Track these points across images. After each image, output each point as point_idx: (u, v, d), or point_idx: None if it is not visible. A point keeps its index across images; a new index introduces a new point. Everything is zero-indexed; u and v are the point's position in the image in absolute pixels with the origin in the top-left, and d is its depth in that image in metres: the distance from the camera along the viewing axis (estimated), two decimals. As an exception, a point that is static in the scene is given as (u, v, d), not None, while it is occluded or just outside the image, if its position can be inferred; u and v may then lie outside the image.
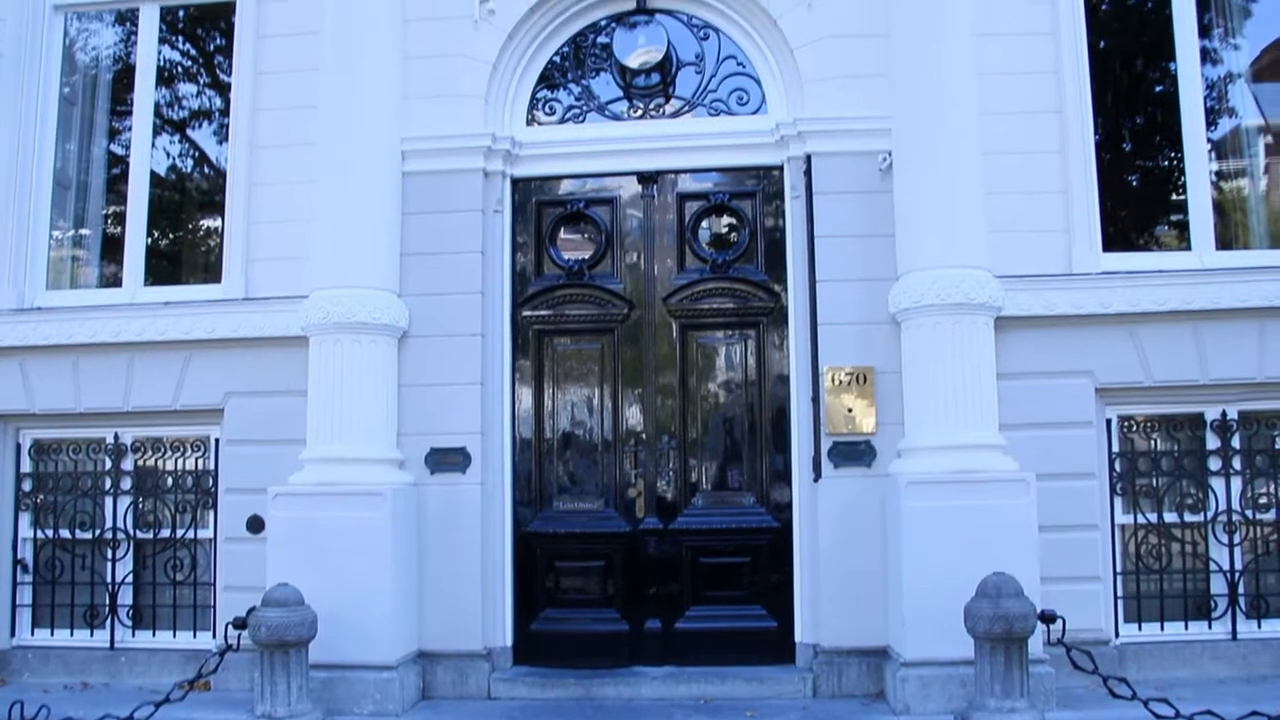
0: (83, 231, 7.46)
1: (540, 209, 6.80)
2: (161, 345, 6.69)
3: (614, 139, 6.73)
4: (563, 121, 6.89)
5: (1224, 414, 6.28)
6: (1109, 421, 6.31)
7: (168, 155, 7.57)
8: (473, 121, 6.56)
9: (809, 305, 6.28)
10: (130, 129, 7.29)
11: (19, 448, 7.01)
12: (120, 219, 7.24)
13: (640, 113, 6.86)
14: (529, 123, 6.88)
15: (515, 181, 6.76)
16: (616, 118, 6.87)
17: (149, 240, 7.19)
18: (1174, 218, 6.80)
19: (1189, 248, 6.49)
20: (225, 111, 7.20)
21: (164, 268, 7.34)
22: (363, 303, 6.16)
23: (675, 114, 6.84)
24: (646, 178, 6.74)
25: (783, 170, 6.57)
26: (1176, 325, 6.18)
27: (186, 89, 7.73)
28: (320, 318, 6.16)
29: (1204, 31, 6.79)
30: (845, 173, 6.29)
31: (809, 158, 6.32)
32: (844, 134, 6.31)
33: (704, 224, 6.76)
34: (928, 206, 5.97)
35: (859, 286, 6.20)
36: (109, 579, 6.83)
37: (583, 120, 6.87)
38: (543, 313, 6.70)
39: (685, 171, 6.75)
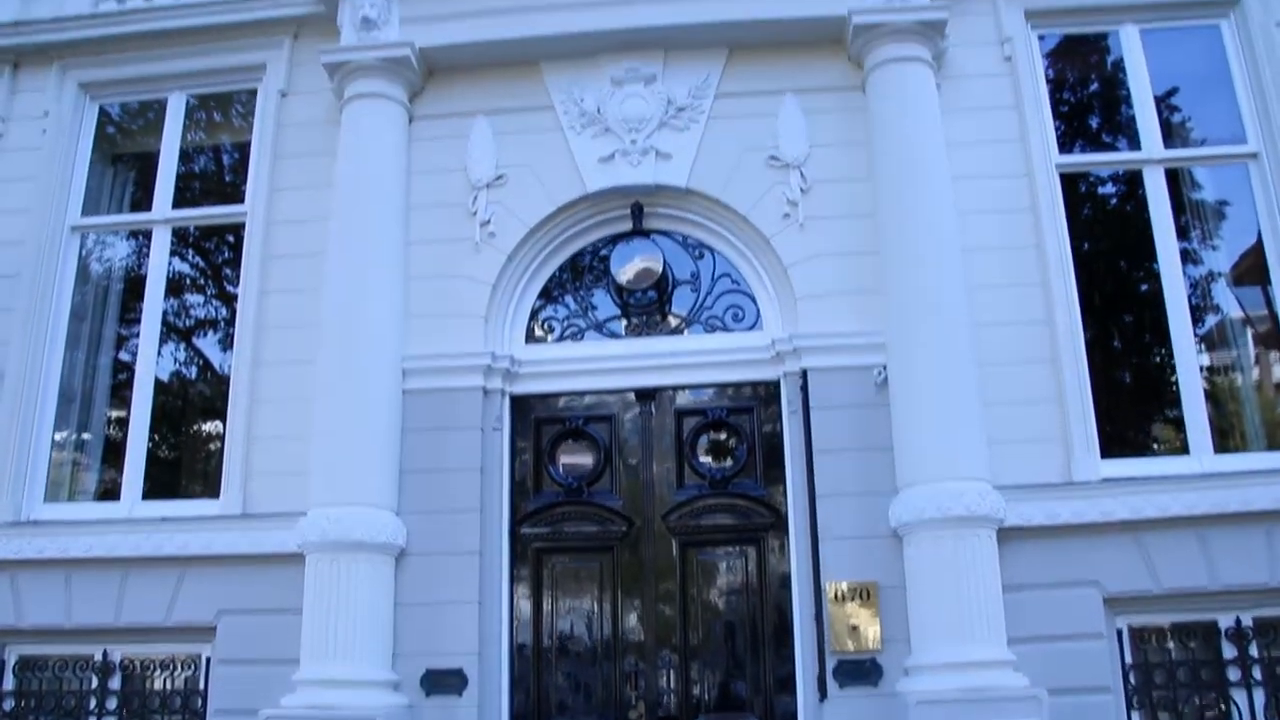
0: (84, 436, 7.50)
1: (539, 426, 6.84)
2: (156, 561, 6.61)
3: (612, 357, 6.84)
4: (561, 339, 7.02)
5: (1238, 621, 6.14)
6: (1120, 632, 6.16)
7: (174, 362, 7.71)
8: (473, 340, 6.67)
9: (809, 520, 6.24)
10: (137, 337, 7.42)
11: (3, 664, 6.84)
12: (122, 424, 7.29)
13: (638, 330, 6.99)
14: (528, 340, 7.01)
15: (514, 399, 6.82)
16: (614, 335, 7.00)
17: (150, 443, 7.20)
18: (1170, 413, 6.83)
19: (1187, 450, 6.48)
20: (230, 321, 7.35)
21: (163, 474, 7.33)
22: (360, 521, 6.13)
23: (672, 331, 6.98)
24: (644, 394, 6.81)
25: (779, 385, 6.64)
26: (1181, 531, 6.10)
27: (194, 299, 7.94)
28: (317, 536, 6.11)
29: (1182, 233, 6.98)
30: (841, 387, 6.35)
31: (805, 373, 6.40)
32: (839, 349, 6.40)
33: (702, 439, 6.79)
34: (924, 420, 6.01)
35: (859, 500, 6.17)
36: (92, 806, 6.56)
37: (581, 338, 7.00)
38: (542, 530, 6.66)
39: (682, 388, 6.82)
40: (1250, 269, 7.11)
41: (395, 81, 7.01)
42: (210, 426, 7.58)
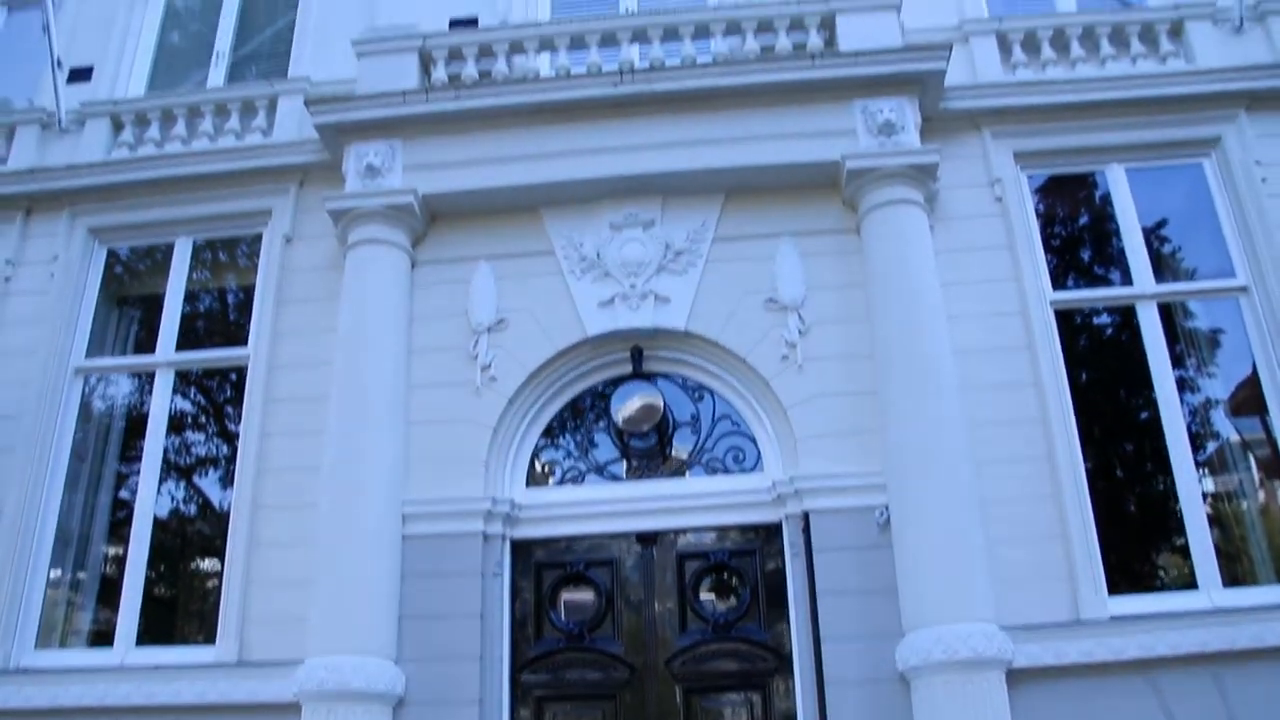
0: (79, 575, 7.41)
1: (540, 570, 6.77)
2: (149, 711, 6.44)
3: (613, 500, 6.83)
4: (563, 483, 7.01)
5: (1257, 767, 5.99)
6: (1138, 778, 6.01)
7: (172, 500, 7.64)
8: (473, 485, 6.65)
9: (814, 663, 6.13)
10: (137, 475, 7.38)
11: (-9, 819, 6.65)
12: (119, 562, 7.20)
13: (639, 473, 6.99)
14: (529, 484, 7.00)
15: (515, 543, 6.77)
16: (615, 478, 6.99)
17: (147, 580, 7.10)
18: (1176, 542, 6.76)
19: (1196, 584, 6.40)
20: (231, 459, 7.33)
21: (159, 616, 7.19)
22: (358, 671, 6.01)
23: (673, 473, 6.97)
24: (646, 538, 6.76)
25: (781, 527, 6.60)
26: (1195, 669, 5.98)
27: (195, 437, 7.92)
28: (315, 686, 5.99)
29: (1178, 361, 7.03)
30: (843, 529, 6.31)
31: (806, 515, 6.37)
32: (840, 490, 6.38)
33: (705, 582, 6.71)
34: (928, 561, 5.96)
35: (864, 643, 6.06)
36: None
37: (582, 481, 6.99)
38: (543, 677, 6.53)
39: (684, 531, 6.78)
40: (1247, 400, 7.13)
41: (398, 228, 7.15)
42: (208, 564, 7.50)
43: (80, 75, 8.54)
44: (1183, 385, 6.98)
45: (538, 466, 7.05)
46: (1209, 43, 7.61)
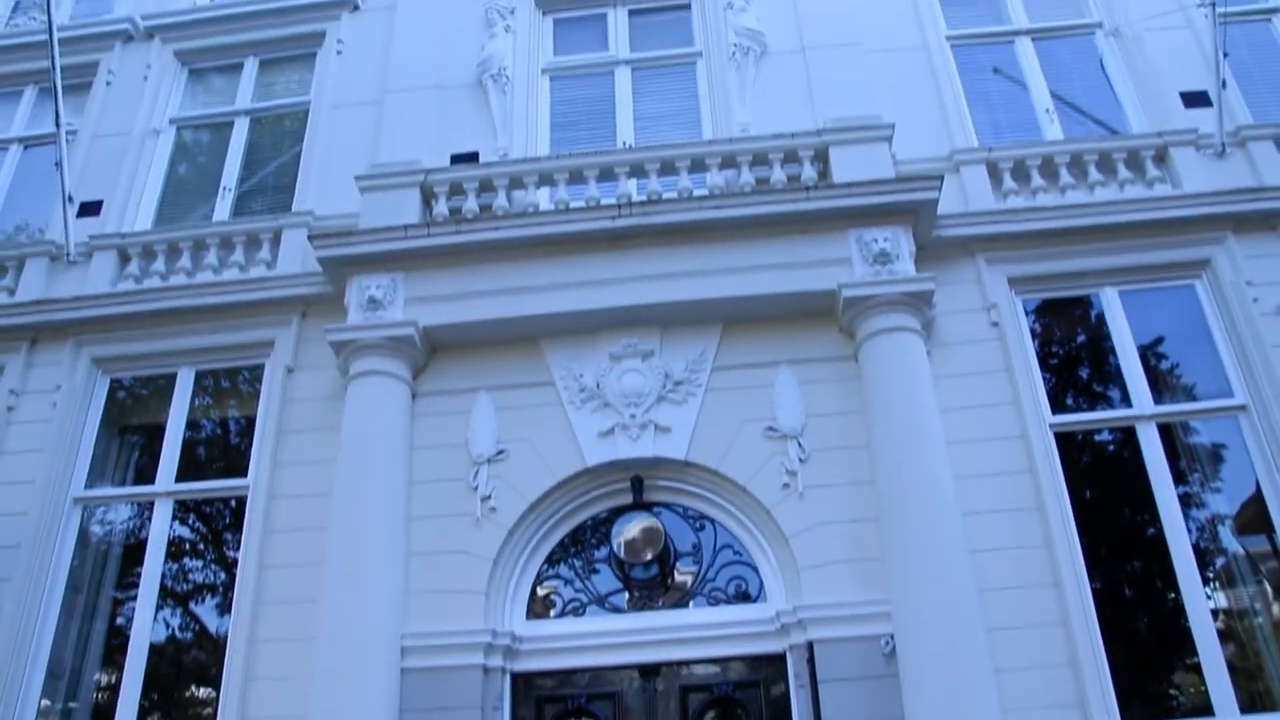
0: (71, 705, 7.26)
1: (541, 705, 6.64)
2: None
3: (615, 632, 6.73)
4: (563, 614, 6.92)
5: None
6: None
7: (167, 626, 7.53)
8: (473, 617, 6.57)
9: (824, 799, 5.98)
10: (133, 602, 7.30)
11: None
12: (112, 691, 7.07)
13: (640, 604, 6.90)
14: (529, 616, 6.92)
15: (516, 677, 6.66)
16: (617, 610, 6.90)
17: (140, 707, 6.97)
18: (1190, 661, 6.63)
19: (1211, 711, 6.25)
20: (229, 586, 7.26)
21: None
22: (354, 814, 5.88)
23: (675, 604, 6.88)
24: (648, 670, 6.64)
25: (785, 658, 6.50)
26: (1216, 803, 5.86)
27: (193, 563, 7.85)
28: (309, 830, 5.85)
29: (1181, 478, 7.00)
30: (849, 658, 6.21)
31: (811, 645, 6.28)
32: (844, 620, 6.30)
33: (708, 716, 6.58)
34: (935, 690, 5.85)
35: (873, 779, 5.95)
36: None
37: (583, 613, 6.90)
38: (545, 817, 6.39)
39: (687, 663, 6.66)
40: (1253, 518, 7.08)
41: (399, 359, 7.21)
42: (204, 693, 7.36)
43: (90, 209, 8.74)
44: (1187, 501, 6.94)
45: (538, 598, 6.97)
46: (1193, 168, 7.77)
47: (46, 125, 8.97)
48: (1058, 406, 7.18)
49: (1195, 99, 8.14)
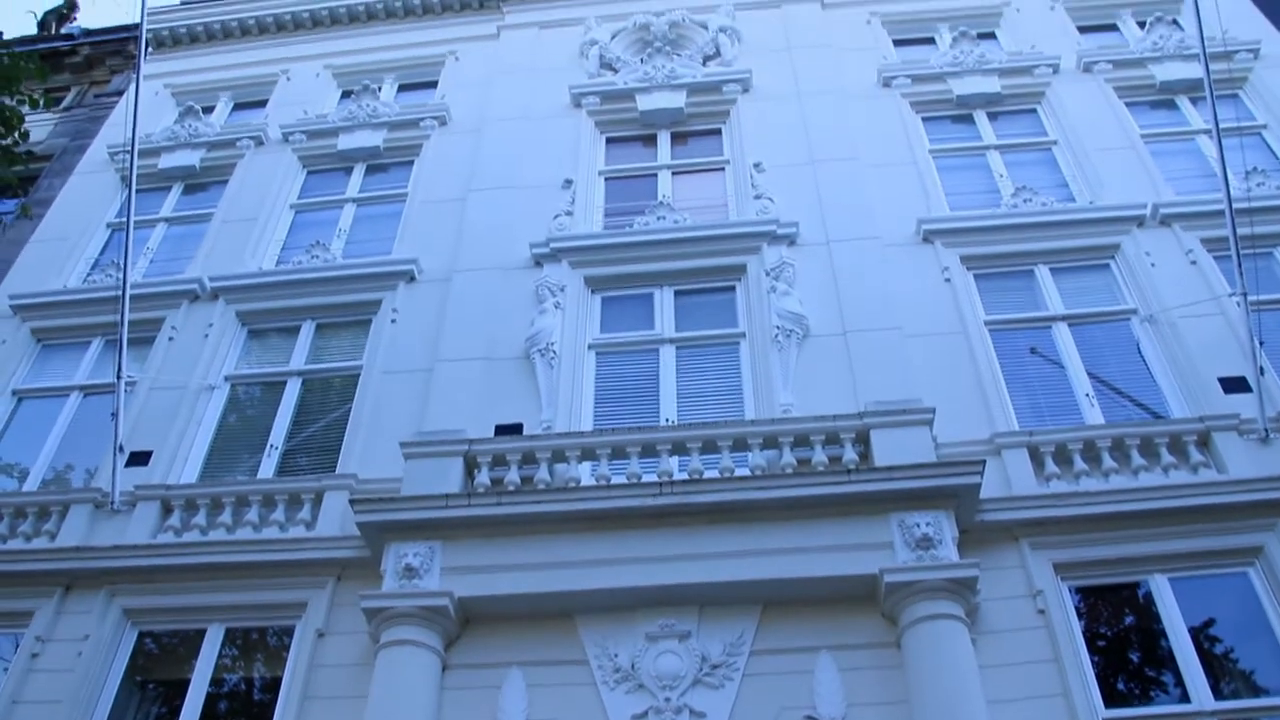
0: None
1: None
2: None
3: None
4: None
5: None
6: None
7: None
8: None
9: None
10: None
11: None
12: None
13: None
14: None
15: None
16: None
17: None
18: None
19: None
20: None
21: None
22: None
23: None
24: None
25: None
26: None
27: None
28: None
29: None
30: None
31: None
32: None
33: None
34: None
35: None
36: None
37: None
38: None
39: None
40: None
41: (432, 629, 7.09)
42: None
43: (139, 458, 8.90)
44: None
45: None
46: (1237, 453, 7.72)
47: (108, 375, 9.21)
48: (1110, 697, 6.84)
49: (1234, 384, 8.18)
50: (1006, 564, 7.28)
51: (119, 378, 8.69)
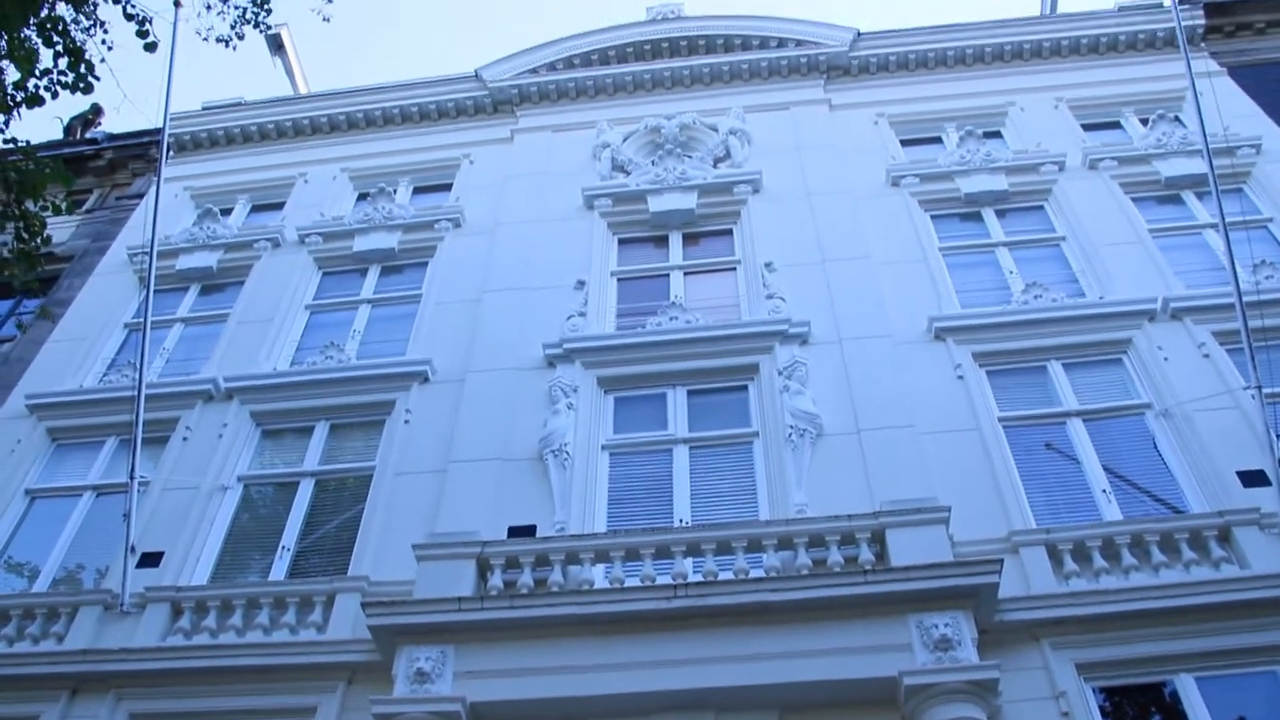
0: None
1: None
2: None
3: None
4: None
5: None
6: None
7: None
8: None
9: None
10: None
11: None
12: None
13: None
14: None
15: None
16: None
17: None
18: None
19: None
20: None
21: None
22: None
23: None
24: None
25: None
26: None
27: None
28: None
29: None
30: None
31: None
32: None
33: None
34: None
35: None
36: None
37: None
38: None
39: None
40: None
41: (448, 748, 6.94)
42: None
43: (150, 559, 8.85)
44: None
45: None
46: (1259, 548, 7.61)
47: (122, 475, 9.20)
48: (1139, 802, 6.69)
49: (1253, 478, 8.11)
50: (1028, 665, 7.14)
51: (132, 478, 8.69)
